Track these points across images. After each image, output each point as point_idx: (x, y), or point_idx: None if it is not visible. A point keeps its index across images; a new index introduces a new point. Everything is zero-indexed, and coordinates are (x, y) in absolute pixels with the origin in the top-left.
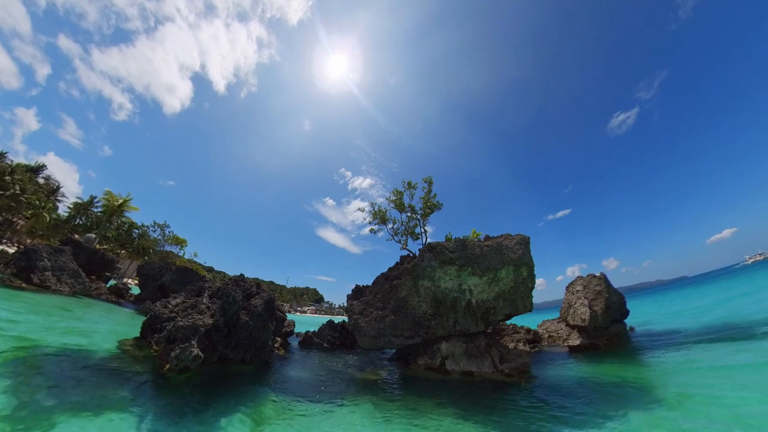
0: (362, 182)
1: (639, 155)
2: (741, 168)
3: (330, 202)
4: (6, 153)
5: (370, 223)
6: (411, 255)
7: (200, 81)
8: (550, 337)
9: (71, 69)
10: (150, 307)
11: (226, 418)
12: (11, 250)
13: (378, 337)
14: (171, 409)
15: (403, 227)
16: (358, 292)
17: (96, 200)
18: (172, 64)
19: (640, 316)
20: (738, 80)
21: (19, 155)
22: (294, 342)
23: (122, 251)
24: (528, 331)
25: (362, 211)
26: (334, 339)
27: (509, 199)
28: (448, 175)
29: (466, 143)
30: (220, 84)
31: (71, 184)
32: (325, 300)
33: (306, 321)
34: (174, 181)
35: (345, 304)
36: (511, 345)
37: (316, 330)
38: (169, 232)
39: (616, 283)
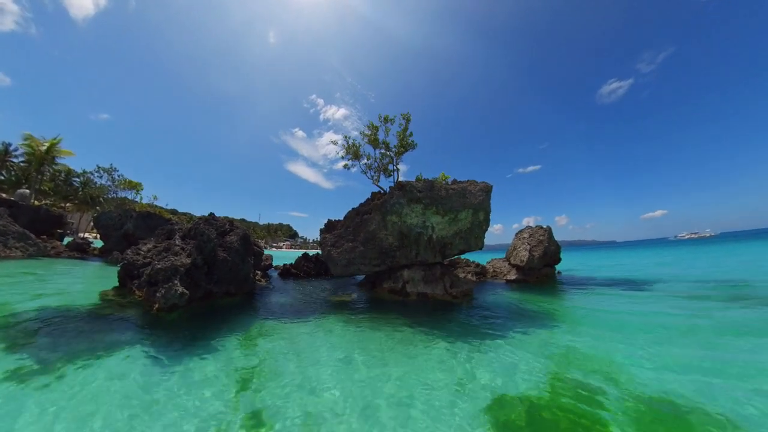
0: (336, 112)
1: (616, 127)
2: (681, 158)
3: (300, 133)
4: None
5: (343, 157)
6: (382, 192)
7: None
8: (494, 271)
9: None
10: (122, 256)
11: (219, 341)
12: None
13: (348, 265)
14: (169, 343)
15: (376, 163)
16: (330, 226)
17: (13, 148)
18: None
19: (570, 265)
20: (732, 82)
21: None
22: (274, 274)
23: (67, 204)
24: (477, 265)
25: (335, 144)
26: (309, 269)
27: (484, 147)
28: (426, 112)
29: (450, 79)
30: None
31: None
32: (300, 235)
33: (282, 255)
34: (108, 114)
35: (319, 239)
36: (462, 275)
37: (293, 263)
38: (118, 176)
39: (562, 237)
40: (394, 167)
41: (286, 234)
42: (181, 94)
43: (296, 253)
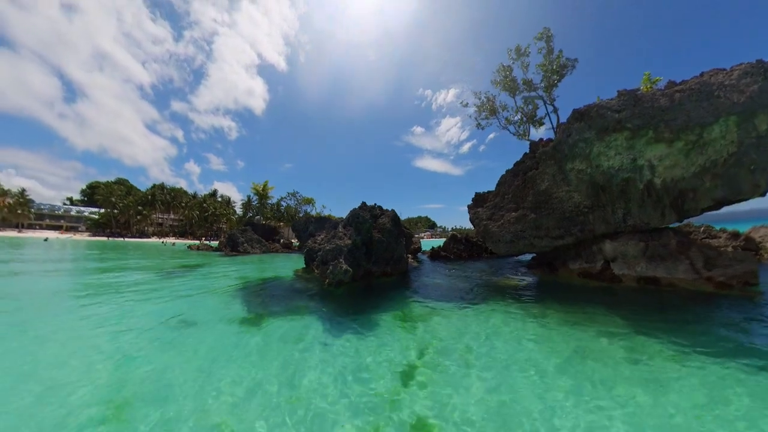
0: (446, 96)
1: None
2: None
3: (418, 130)
4: (195, 192)
5: (476, 118)
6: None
7: (266, 70)
8: None
9: (190, 121)
10: (305, 245)
11: (379, 318)
12: None
13: (515, 240)
14: (338, 310)
15: (519, 114)
16: (480, 200)
17: (252, 198)
18: (238, 70)
19: None
20: None
21: (202, 190)
22: (423, 258)
23: (281, 223)
24: (734, 235)
25: (465, 106)
26: (459, 251)
27: (693, 31)
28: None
29: None
30: (280, 62)
31: (234, 194)
32: (438, 225)
33: (425, 244)
34: (291, 164)
35: (457, 227)
36: None
37: (441, 245)
38: (299, 196)
39: None
40: (549, 107)
41: (425, 225)
42: (324, 130)
43: (438, 242)
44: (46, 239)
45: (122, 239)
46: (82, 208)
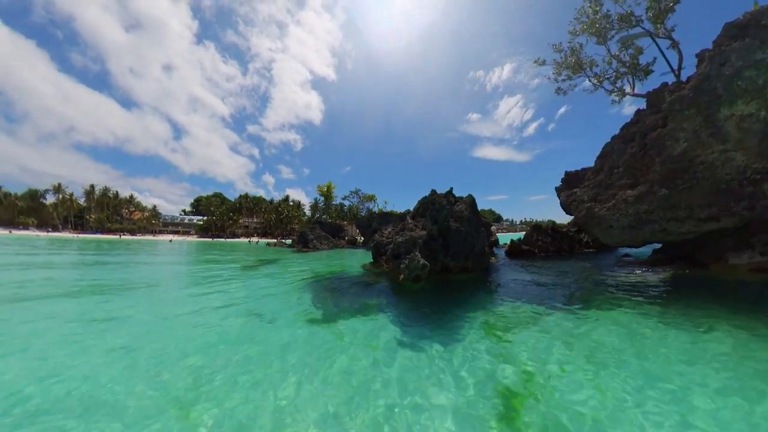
0: (501, 73)
1: None
2: None
3: (474, 116)
4: (272, 199)
5: (555, 79)
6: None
7: (318, 84)
8: None
9: (263, 139)
10: (372, 239)
11: (468, 317)
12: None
13: (636, 226)
14: (415, 311)
15: (614, 65)
16: (572, 179)
17: (319, 201)
18: (295, 89)
19: None
20: None
21: (277, 197)
22: (499, 253)
23: (345, 221)
24: None
25: (541, 64)
26: (545, 245)
27: None
28: None
29: None
30: (330, 73)
31: (303, 198)
32: (504, 218)
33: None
34: (350, 166)
35: (527, 219)
36: None
37: (522, 238)
38: (361, 193)
39: None
40: (665, 41)
41: (490, 218)
42: (377, 130)
43: (504, 237)
44: (170, 240)
45: (222, 239)
46: (192, 217)
